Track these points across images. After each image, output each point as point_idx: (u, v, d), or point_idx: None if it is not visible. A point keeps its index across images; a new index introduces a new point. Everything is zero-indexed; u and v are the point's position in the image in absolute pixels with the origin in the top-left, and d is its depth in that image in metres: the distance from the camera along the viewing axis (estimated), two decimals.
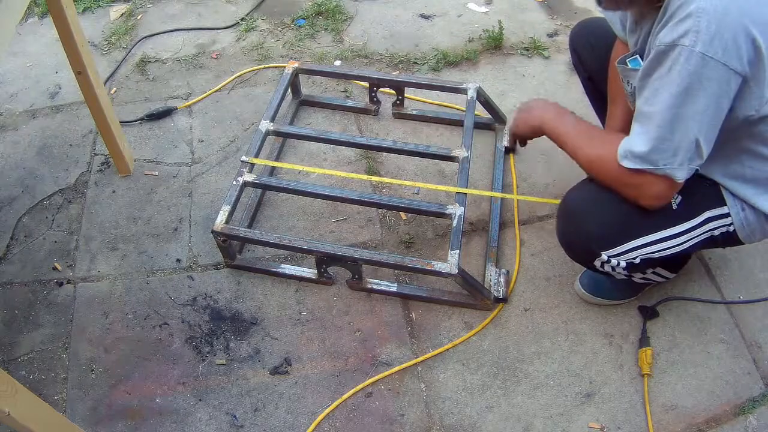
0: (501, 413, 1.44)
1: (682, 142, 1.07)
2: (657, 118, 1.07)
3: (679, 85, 1.02)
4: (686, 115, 1.04)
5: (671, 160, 1.09)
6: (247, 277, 1.68)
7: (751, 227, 1.25)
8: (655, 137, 1.08)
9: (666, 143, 1.08)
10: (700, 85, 1.01)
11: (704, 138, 1.07)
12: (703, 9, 0.97)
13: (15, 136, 2.06)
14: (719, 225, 1.26)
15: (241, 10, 2.49)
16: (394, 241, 1.75)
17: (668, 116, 1.05)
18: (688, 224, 1.25)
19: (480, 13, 2.44)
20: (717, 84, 1.01)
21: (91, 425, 1.43)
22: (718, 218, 1.26)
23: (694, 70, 1.00)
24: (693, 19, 0.98)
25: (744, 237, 1.28)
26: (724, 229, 1.27)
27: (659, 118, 1.07)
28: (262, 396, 1.48)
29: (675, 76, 1.02)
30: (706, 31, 0.97)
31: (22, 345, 1.57)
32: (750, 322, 1.57)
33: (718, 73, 1.00)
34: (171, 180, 1.92)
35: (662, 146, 1.08)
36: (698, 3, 0.98)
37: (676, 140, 1.07)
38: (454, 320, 1.59)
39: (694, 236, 1.26)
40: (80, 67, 1.58)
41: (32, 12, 2.52)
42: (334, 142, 1.81)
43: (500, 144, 1.93)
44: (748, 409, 1.43)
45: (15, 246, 1.77)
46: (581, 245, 1.34)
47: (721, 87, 1.01)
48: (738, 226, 1.26)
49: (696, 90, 1.02)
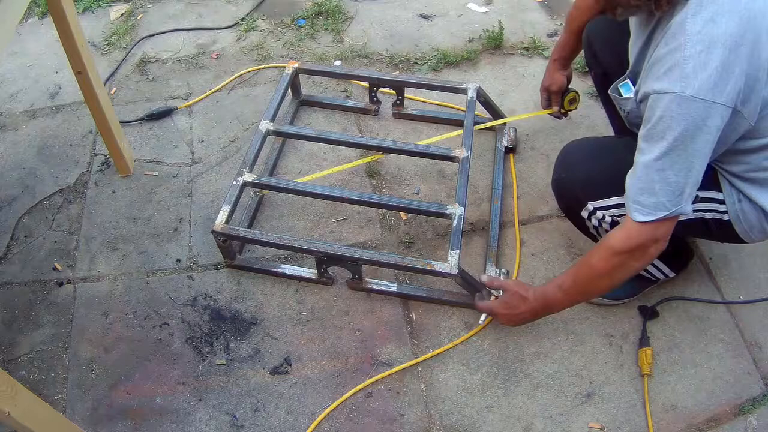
0: (501, 413, 1.44)
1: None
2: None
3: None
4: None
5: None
6: (247, 277, 1.68)
7: (749, 222, 1.24)
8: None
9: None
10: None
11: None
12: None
13: (15, 136, 2.06)
14: (711, 209, 1.25)
15: (241, 10, 2.49)
16: (394, 241, 1.75)
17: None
18: None
19: (480, 13, 2.44)
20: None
21: (91, 425, 1.43)
22: (710, 201, 1.25)
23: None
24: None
25: (741, 232, 1.26)
26: (717, 215, 1.26)
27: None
28: (262, 396, 1.48)
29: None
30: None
31: (22, 345, 1.57)
32: (750, 322, 1.57)
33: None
34: (171, 180, 1.92)
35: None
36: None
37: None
38: (454, 320, 1.59)
39: None
40: (80, 67, 1.58)
41: (32, 12, 2.52)
42: (334, 142, 1.81)
43: (500, 144, 1.93)
44: (748, 409, 1.43)
45: (15, 246, 1.77)
46: (570, 191, 1.39)
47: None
48: (733, 218, 1.24)
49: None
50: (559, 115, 1.84)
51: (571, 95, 1.79)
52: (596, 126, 1.97)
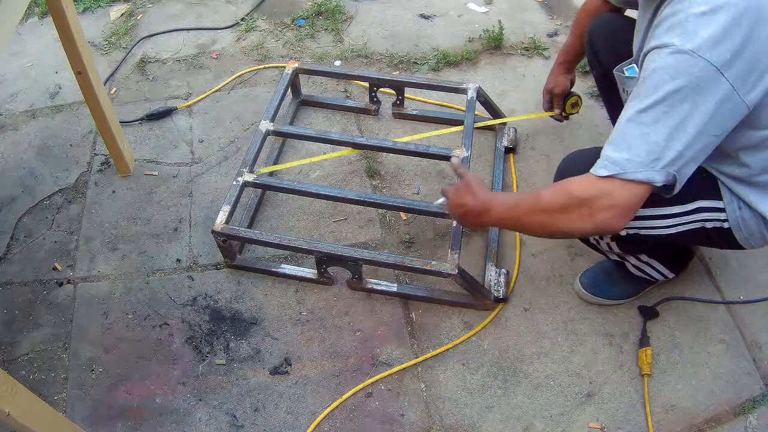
0: (501, 413, 1.44)
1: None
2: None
3: None
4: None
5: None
6: (247, 277, 1.68)
7: (749, 230, 1.22)
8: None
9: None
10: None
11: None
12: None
13: (15, 136, 2.06)
14: (712, 218, 1.23)
15: (241, 10, 2.49)
16: (394, 241, 1.75)
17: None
18: (678, 209, 1.23)
19: (480, 13, 2.44)
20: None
21: (91, 425, 1.43)
22: (710, 210, 1.23)
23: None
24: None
25: (741, 239, 1.25)
26: (718, 224, 1.24)
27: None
28: (262, 396, 1.48)
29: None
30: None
31: (22, 345, 1.57)
32: (750, 322, 1.57)
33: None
34: (171, 180, 1.92)
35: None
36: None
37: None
38: (454, 320, 1.59)
39: (683, 222, 1.24)
40: (80, 67, 1.58)
41: (32, 12, 2.52)
42: (334, 142, 1.81)
43: (500, 144, 1.93)
44: (748, 409, 1.43)
45: (15, 246, 1.77)
46: None
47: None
48: (733, 225, 1.23)
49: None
50: (560, 118, 1.84)
51: (573, 99, 1.79)
52: (597, 126, 1.97)
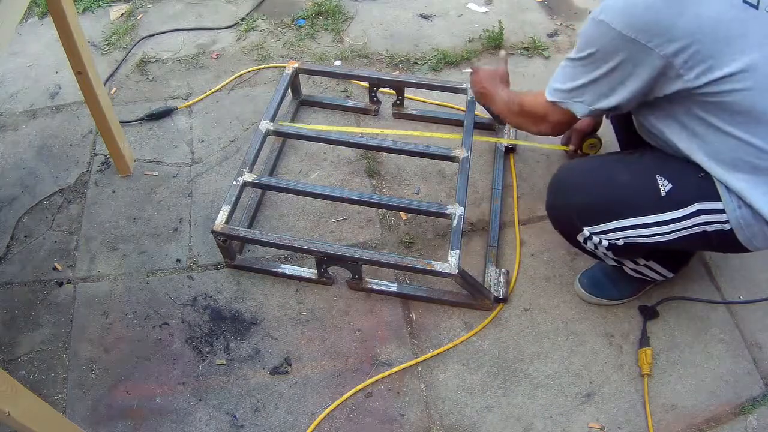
0: (501, 413, 1.45)
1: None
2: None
3: None
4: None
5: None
6: (247, 277, 1.68)
7: (751, 229, 1.20)
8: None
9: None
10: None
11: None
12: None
13: (15, 136, 2.06)
14: (712, 220, 1.21)
15: (241, 10, 2.49)
16: (394, 241, 1.75)
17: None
18: (676, 213, 1.22)
19: (480, 13, 2.44)
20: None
21: (91, 425, 1.43)
22: (710, 212, 1.21)
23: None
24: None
25: (744, 240, 1.22)
26: (718, 226, 1.21)
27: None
28: (262, 396, 1.48)
29: None
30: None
31: (22, 345, 1.57)
32: (750, 322, 1.57)
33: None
34: (171, 180, 1.92)
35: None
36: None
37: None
38: (454, 320, 1.59)
39: (682, 227, 1.23)
40: (80, 67, 1.58)
41: (32, 12, 2.52)
42: (334, 142, 1.81)
43: (500, 144, 1.93)
44: (748, 409, 1.43)
45: (15, 246, 1.77)
46: (565, 217, 1.38)
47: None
48: (735, 226, 1.20)
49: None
50: (573, 154, 1.82)
51: (592, 141, 1.78)
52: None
